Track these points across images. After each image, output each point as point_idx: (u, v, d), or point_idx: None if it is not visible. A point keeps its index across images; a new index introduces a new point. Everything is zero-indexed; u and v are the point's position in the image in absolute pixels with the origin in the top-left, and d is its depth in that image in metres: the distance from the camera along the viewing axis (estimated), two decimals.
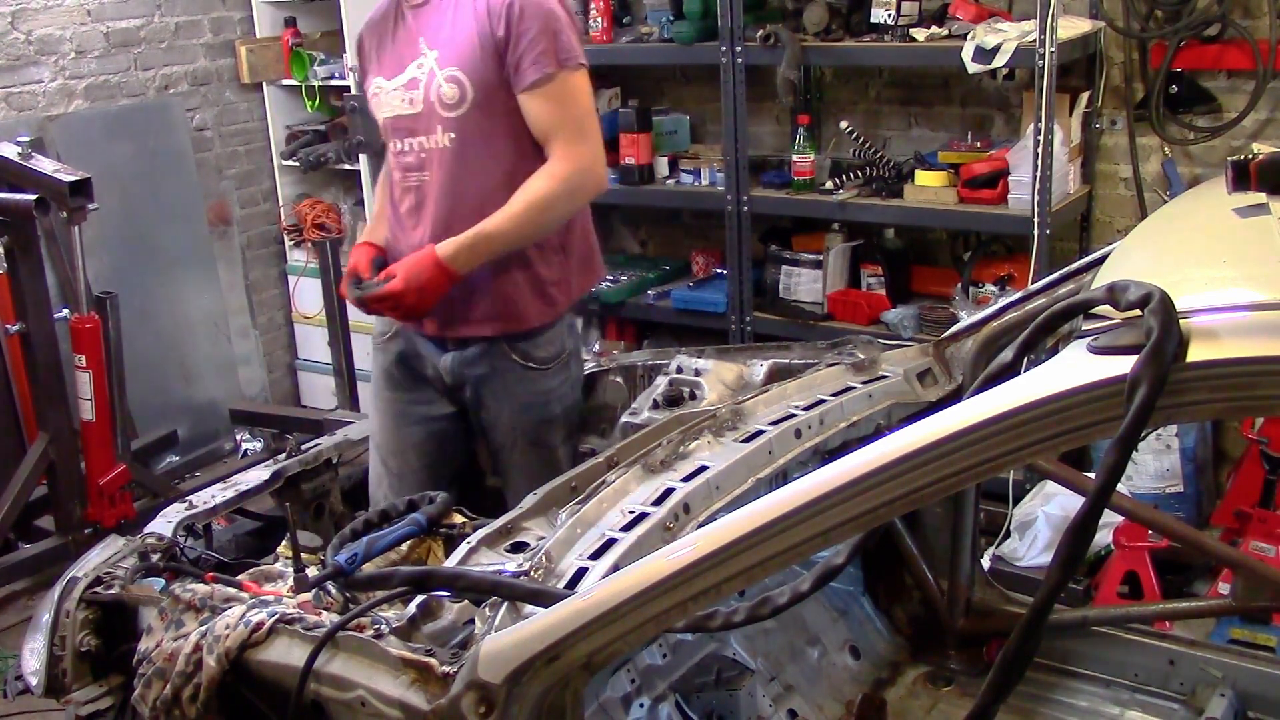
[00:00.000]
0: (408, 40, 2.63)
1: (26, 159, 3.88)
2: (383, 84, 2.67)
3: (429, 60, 2.58)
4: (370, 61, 2.74)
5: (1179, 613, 2.81)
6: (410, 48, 2.61)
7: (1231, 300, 1.36)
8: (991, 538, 3.73)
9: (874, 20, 4.11)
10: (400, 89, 2.62)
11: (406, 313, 2.61)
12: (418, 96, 2.59)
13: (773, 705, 2.35)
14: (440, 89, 2.56)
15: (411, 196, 2.68)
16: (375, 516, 2.11)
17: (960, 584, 2.54)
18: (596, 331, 5.20)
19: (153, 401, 5.10)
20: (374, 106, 2.72)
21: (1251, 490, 3.63)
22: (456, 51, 2.55)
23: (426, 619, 1.84)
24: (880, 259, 4.42)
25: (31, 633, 2.20)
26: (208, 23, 5.48)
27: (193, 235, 5.41)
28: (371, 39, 2.74)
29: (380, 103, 2.68)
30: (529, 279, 2.67)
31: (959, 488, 1.45)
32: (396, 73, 2.63)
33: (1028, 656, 1.40)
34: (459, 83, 2.55)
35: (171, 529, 2.36)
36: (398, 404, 2.84)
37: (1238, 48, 3.85)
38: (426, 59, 2.58)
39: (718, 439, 2.13)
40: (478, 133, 2.57)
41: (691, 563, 1.45)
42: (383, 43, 2.69)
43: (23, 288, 4.01)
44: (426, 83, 2.58)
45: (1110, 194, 4.27)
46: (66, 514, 4.18)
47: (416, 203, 2.67)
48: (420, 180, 2.65)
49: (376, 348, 2.89)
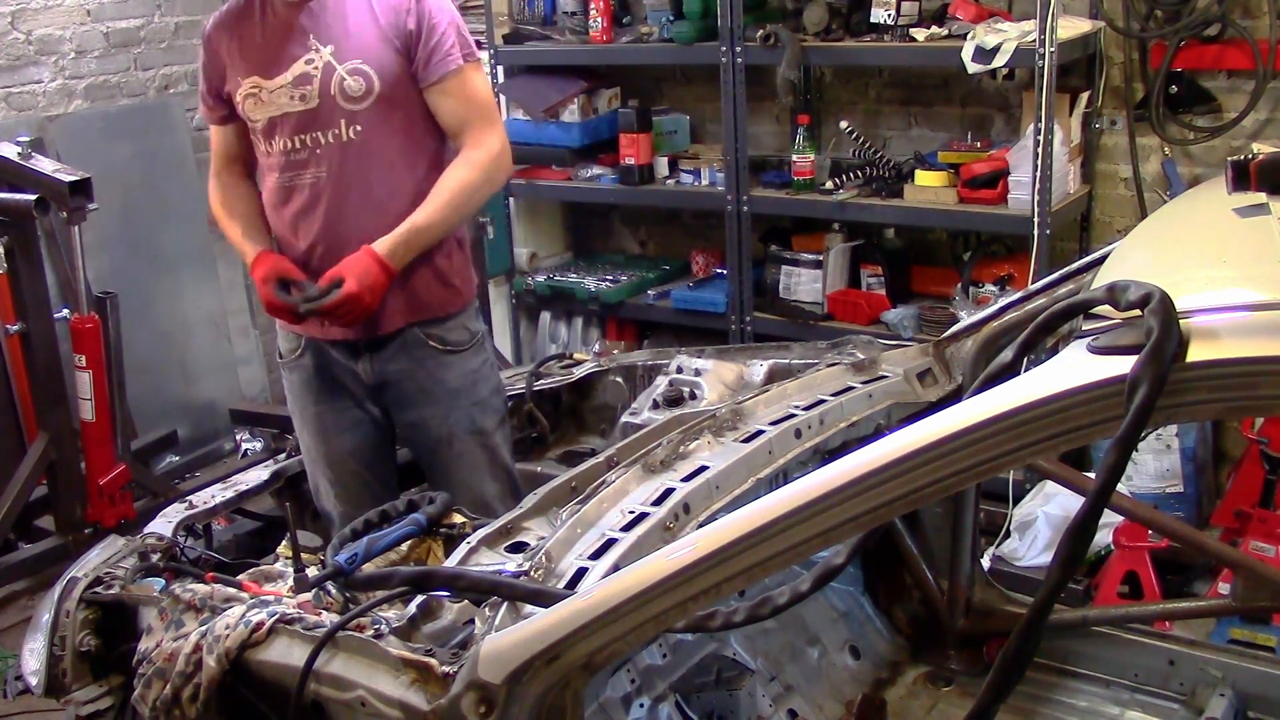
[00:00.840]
0: (288, 38, 2.60)
1: (26, 159, 3.88)
2: (261, 83, 2.61)
3: (323, 55, 2.57)
4: (227, 63, 2.67)
5: (1179, 613, 2.81)
6: (295, 46, 2.59)
7: (1231, 300, 1.36)
8: (991, 538, 3.73)
9: (874, 20, 4.11)
10: (287, 86, 2.59)
11: (359, 315, 2.59)
12: (311, 92, 2.57)
13: (773, 705, 2.35)
14: (344, 83, 2.56)
15: (302, 196, 2.64)
16: (375, 516, 2.11)
17: (960, 584, 2.54)
18: (597, 331, 5.20)
19: (153, 401, 5.10)
20: (245, 107, 2.64)
21: (1251, 490, 3.63)
22: (358, 45, 2.58)
23: (426, 619, 1.84)
24: (880, 259, 4.42)
25: (31, 633, 2.20)
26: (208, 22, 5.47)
27: (193, 235, 5.40)
28: (228, 40, 2.67)
29: (260, 102, 2.62)
30: (433, 272, 2.71)
31: (959, 488, 1.45)
32: (278, 71, 2.60)
33: (1028, 656, 1.40)
34: (364, 75, 2.57)
35: (171, 529, 2.36)
36: (324, 416, 2.79)
37: (1238, 48, 3.85)
38: (319, 55, 2.57)
39: (718, 439, 2.13)
40: (382, 124, 2.60)
41: (691, 563, 1.45)
42: (245, 43, 2.64)
43: (23, 288, 4.01)
44: (323, 78, 2.57)
45: (1110, 194, 4.27)
46: (66, 514, 4.18)
47: (309, 202, 2.63)
48: (316, 177, 2.62)
49: (287, 366, 2.84)
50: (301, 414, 2.84)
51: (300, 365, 2.81)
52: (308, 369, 2.80)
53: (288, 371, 2.86)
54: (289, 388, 2.88)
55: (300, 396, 2.83)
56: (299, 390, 2.83)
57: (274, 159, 2.65)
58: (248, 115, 2.65)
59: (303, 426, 2.84)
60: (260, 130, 2.65)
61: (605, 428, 3.01)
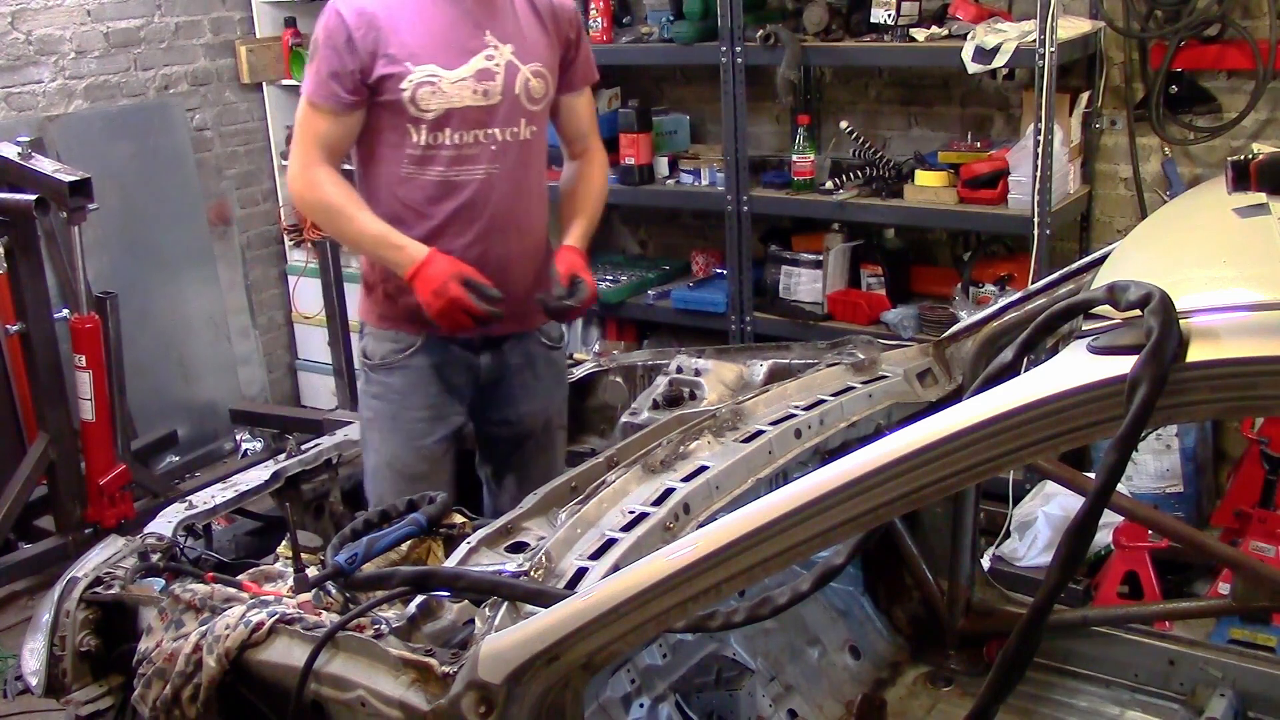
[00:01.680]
0: (466, 31, 2.55)
1: (26, 159, 3.88)
2: (440, 73, 2.52)
3: (503, 53, 2.58)
4: (392, 49, 2.49)
5: (1179, 613, 2.81)
6: (472, 39, 2.56)
7: (1231, 300, 1.36)
8: (991, 538, 3.73)
9: (874, 20, 4.11)
10: (470, 80, 2.54)
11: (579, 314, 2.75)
12: (494, 89, 2.56)
13: (773, 705, 2.35)
14: (529, 83, 2.61)
15: (468, 191, 2.58)
16: (375, 516, 2.10)
17: (960, 584, 2.54)
18: (597, 331, 5.20)
19: (153, 401, 5.10)
20: (417, 95, 2.50)
21: (1251, 490, 3.63)
22: (533, 48, 2.63)
23: (426, 619, 1.84)
24: (880, 259, 4.42)
25: (31, 633, 2.20)
26: (208, 23, 5.48)
27: (193, 235, 5.41)
28: (399, 26, 2.50)
29: (437, 91, 2.51)
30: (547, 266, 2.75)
31: (959, 488, 1.45)
32: (459, 62, 2.54)
33: (1028, 656, 1.40)
34: (544, 78, 2.64)
35: (171, 529, 2.36)
36: (422, 421, 2.70)
37: (1238, 48, 3.85)
38: (499, 52, 2.58)
39: (718, 439, 2.14)
40: (543, 126, 2.71)
41: (692, 563, 1.45)
42: (418, 30, 2.51)
43: (23, 288, 4.01)
44: (506, 76, 2.58)
45: (1110, 194, 4.27)
46: (66, 514, 4.18)
47: (477, 197, 2.59)
48: (488, 173, 2.59)
49: (388, 368, 2.68)
50: (394, 419, 2.69)
51: (410, 366, 2.68)
52: (420, 370, 2.68)
53: (386, 374, 2.69)
54: (381, 391, 2.70)
55: (399, 400, 2.68)
56: (403, 392, 2.68)
57: (439, 151, 2.56)
58: (418, 104, 2.51)
59: (391, 433, 2.69)
60: (429, 121, 2.53)
61: (605, 428, 3.01)
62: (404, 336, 2.67)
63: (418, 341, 2.67)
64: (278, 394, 5.97)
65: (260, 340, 5.85)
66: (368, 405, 2.75)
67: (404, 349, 2.68)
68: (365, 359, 2.74)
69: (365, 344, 2.75)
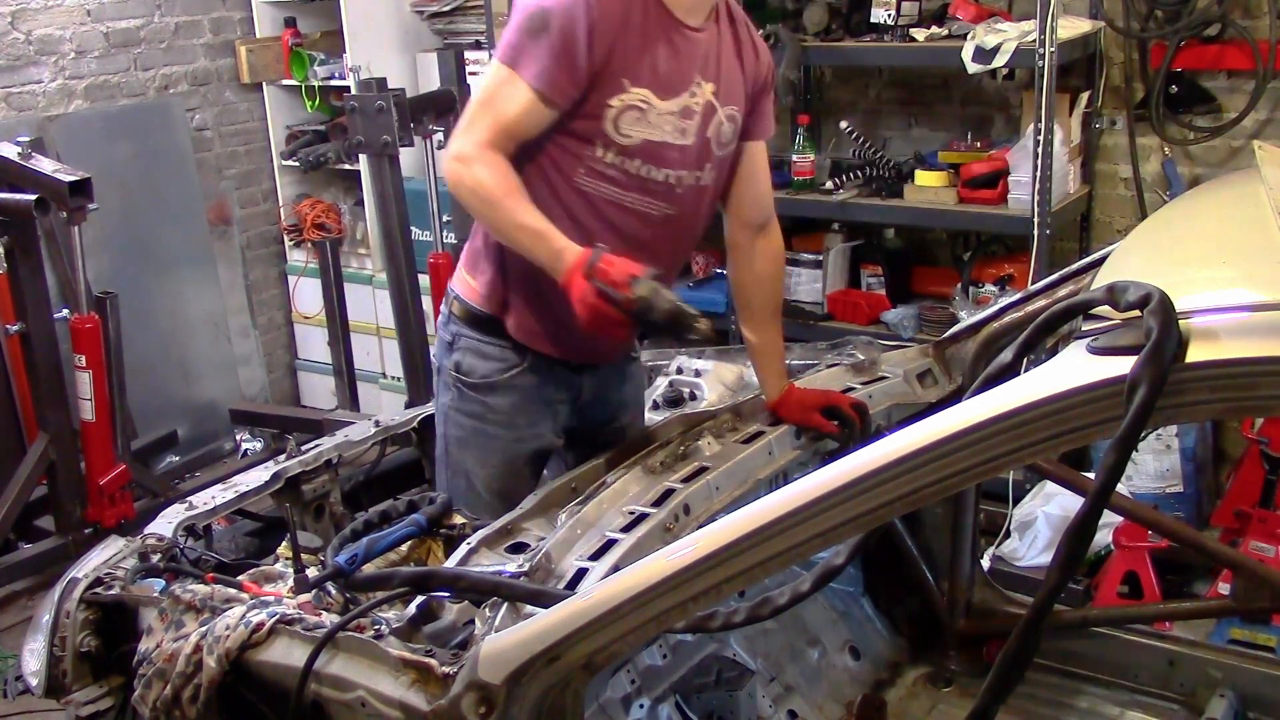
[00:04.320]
0: (680, 64, 2.29)
1: (26, 159, 3.88)
2: (653, 100, 2.26)
3: (704, 92, 2.30)
4: (621, 63, 2.22)
5: (1179, 613, 2.81)
6: (683, 74, 2.29)
7: (1231, 300, 1.36)
8: (991, 538, 3.73)
9: (874, 20, 4.11)
10: (675, 115, 2.28)
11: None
12: (691, 128, 2.30)
13: (773, 706, 2.36)
14: (721, 127, 2.34)
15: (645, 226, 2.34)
16: (375, 517, 2.10)
17: (960, 584, 2.54)
18: None
19: (153, 401, 5.10)
20: (622, 118, 2.23)
21: (1251, 490, 3.63)
22: (732, 89, 2.36)
23: (427, 620, 1.84)
24: (880, 259, 4.42)
25: (31, 633, 2.20)
26: (208, 23, 5.48)
27: (193, 235, 5.41)
28: (628, 40, 2.23)
29: (643, 118, 2.25)
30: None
31: (959, 488, 1.45)
32: (671, 95, 2.27)
33: (1028, 656, 1.40)
34: (735, 122, 2.37)
35: (171, 529, 2.36)
36: (524, 443, 2.48)
37: (1238, 48, 3.85)
38: (701, 91, 2.30)
39: (718, 440, 2.14)
40: (721, 174, 2.43)
41: (692, 563, 1.45)
42: (642, 52, 2.24)
43: (23, 288, 4.01)
44: (703, 116, 2.31)
45: (1110, 194, 4.27)
46: (66, 514, 4.18)
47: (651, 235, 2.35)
48: (665, 214, 2.34)
49: (491, 388, 2.44)
50: (490, 443, 2.45)
51: (515, 386, 2.44)
52: (525, 390, 2.44)
53: (487, 394, 2.43)
54: (480, 411, 2.45)
55: (502, 420, 2.45)
56: (507, 412, 2.44)
57: (623, 177, 2.30)
58: (618, 127, 2.23)
59: (490, 453, 2.46)
60: (619, 145, 2.26)
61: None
62: (510, 354, 2.43)
63: (526, 359, 2.44)
64: (278, 394, 5.97)
65: (260, 340, 5.85)
66: (458, 424, 2.48)
67: (509, 365, 2.43)
68: (460, 375, 2.46)
69: (460, 359, 2.46)
